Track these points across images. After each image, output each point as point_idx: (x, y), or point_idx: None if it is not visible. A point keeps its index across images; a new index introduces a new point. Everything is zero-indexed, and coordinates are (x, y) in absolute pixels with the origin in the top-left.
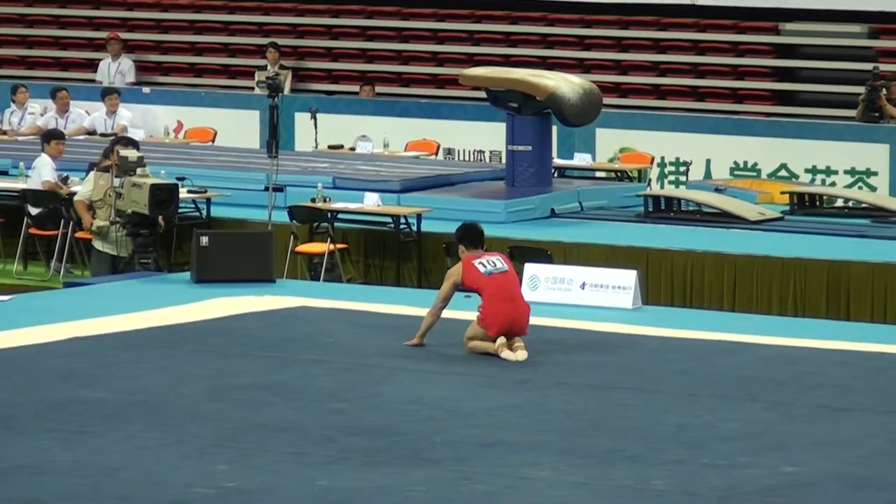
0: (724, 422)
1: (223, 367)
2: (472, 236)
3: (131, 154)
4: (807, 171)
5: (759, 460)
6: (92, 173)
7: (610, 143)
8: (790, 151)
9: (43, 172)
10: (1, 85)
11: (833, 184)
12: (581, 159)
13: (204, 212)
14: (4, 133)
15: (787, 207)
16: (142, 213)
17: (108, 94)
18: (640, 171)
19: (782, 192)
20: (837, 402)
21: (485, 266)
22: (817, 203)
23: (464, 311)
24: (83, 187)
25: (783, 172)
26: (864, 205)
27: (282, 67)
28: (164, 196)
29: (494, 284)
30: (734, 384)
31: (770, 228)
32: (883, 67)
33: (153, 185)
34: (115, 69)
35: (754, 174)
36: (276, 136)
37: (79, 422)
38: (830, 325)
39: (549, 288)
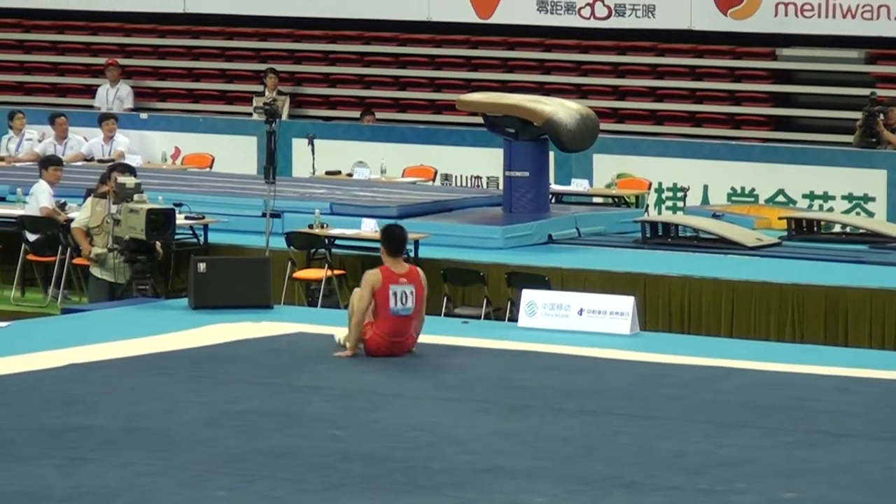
0: (722, 448)
1: (221, 393)
2: (393, 242)
3: (129, 181)
4: (804, 196)
5: (756, 486)
6: (89, 199)
7: (607, 168)
8: (788, 177)
9: (41, 199)
10: None
11: (831, 209)
12: (578, 185)
13: (201, 238)
14: (2, 159)
15: (785, 233)
16: (139, 239)
17: (104, 119)
18: (637, 197)
19: (780, 218)
20: (835, 428)
21: (395, 301)
22: (815, 229)
23: (459, 337)
24: (80, 214)
25: (781, 198)
26: (861, 230)
27: (279, 93)
28: (160, 220)
29: (392, 323)
30: (731, 410)
31: (768, 254)
32: (880, 93)
33: (149, 210)
34: (114, 95)
35: (752, 200)
36: (273, 162)
37: (76, 448)
38: (828, 351)
39: (546, 314)
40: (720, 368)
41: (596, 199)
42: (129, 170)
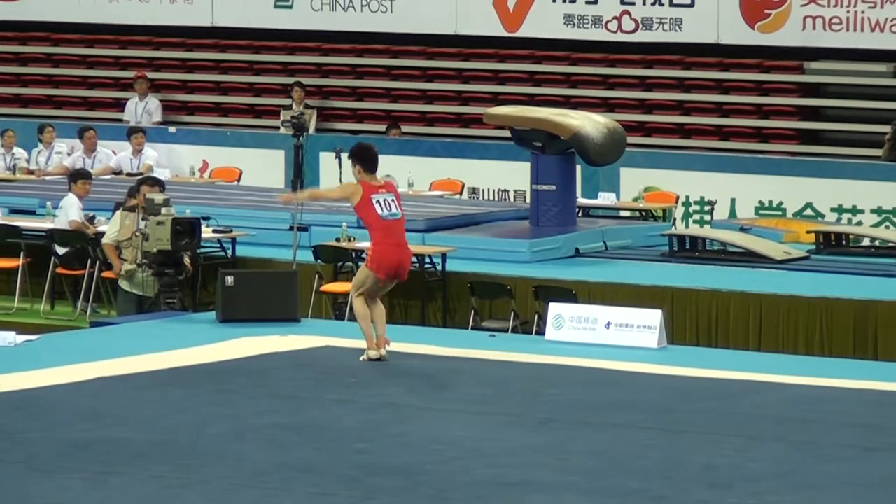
0: (751, 462)
1: (248, 407)
2: (367, 159)
3: (157, 196)
4: (833, 210)
5: (786, 499)
6: (118, 213)
7: (634, 182)
8: (816, 190)
9: (70, 212)
10: (28, 124)
11: (859, 223)
12: (605, 198)
13: (229, 252)
14: (32, 173)
15: (813, 246)
16: (167, 252)
17: (133, 133)
18: (664, 211)
19: (808, 232)
20: (865, 442)
21: (381, 208)
22: (843, 242)
23: (487, 351)
24: (110, 228)
25: (809, 211)
26: (890, 244)
27: (307, 107)
28: (186, 229)
29: (386, 227)
30: (760, 424)
31: (796, 268)
32: None
33: (175, 219)
34: (142, 108)
35: (780, 213)
36: (300, 176)
37: (104, 462)
38: (857, 365)
39: (573, 327)
40: (748, 382)
41: (623, 213)
42: (158, 183)
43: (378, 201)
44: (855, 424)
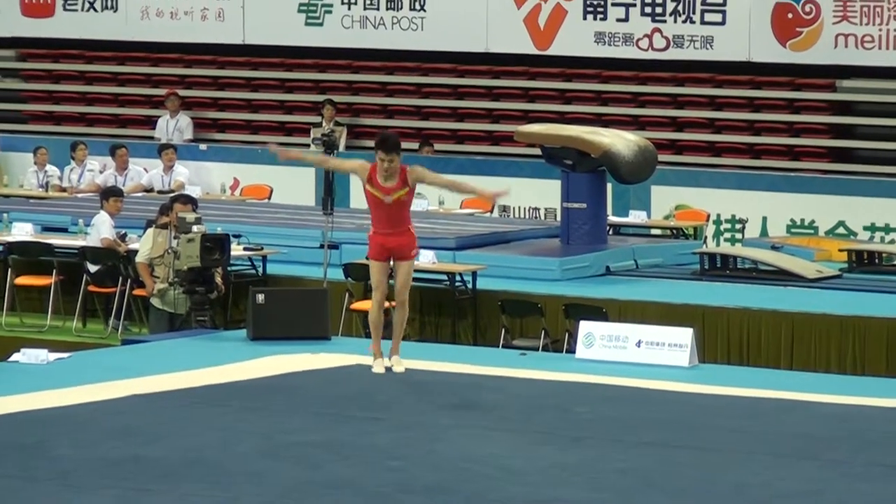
0: (782, 480)
1: (278, 424)
2: (379, 140)
3: (189, 215)
4: (865, 228)
5: None
6: (150, 230)
7: (665, 200)
8: (848, 209)
9: (101, 230)
10: (61, 142)
11: (892, 241)
12: (636, 216)
13: (260, 269)
14: (64, 190)
15: (846, 265)
16: (198, 269)
17: (164, 149)
18: (695, 229)
19: (840, 250)
20: (884, 458)
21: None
22: (876, 261)
23: (517, 369)
24: (142, 247)
25: (841, 230)
26: None
27: (337, 124)
28: (214, 245)
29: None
30: (792, 442)
31: (828, 286)
32: None
33: (203, 235)
34: (173, 126)
35: (811, 232)
36: (331, 194)
37: (136, 479)
38: (890, 384)
39: (604, 346)
40: (780, 401)
41: (654, 231)
42: (191, 201)
43: (377, 184)
44: (887, 443)
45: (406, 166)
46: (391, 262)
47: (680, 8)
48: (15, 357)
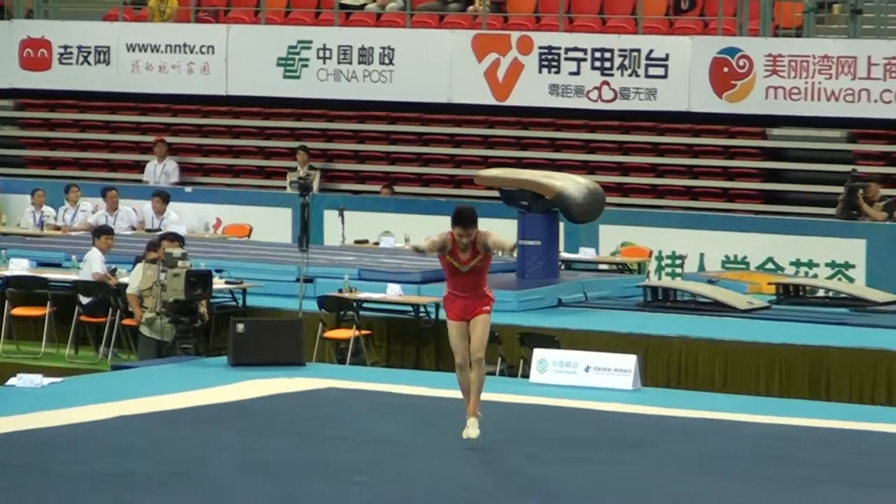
0: (715, 493)
1: (257, 443)
2: (454, 216)
3: (175, 251)
4: (791, 263)
5: None
6: (140, 265)
7: (612, 238)
8: (777, 246)
9: (93, 265)
10: (56, 184)
11: (815, 275)
12: (586, 253)
13: (240, 301)
14: (58, 229)
15: (774, 297)
16: (182, 301)
17: (156, 195)
18: (639, 264)
19: (769, 283)
20: (806, 473)
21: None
22: (801, 293)
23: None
24: (133, 281)
25: (770, 265)
26: (843, 295)
27: (311, 168)
28: (198, 280)
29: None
30: (725, 460)
31: (758, 317)
32: (861, 169)
33: (188, 272)
34: (161, 170)
35: (744, 267)
36: (306, 232)
37: (125, 492)
38: (811, 405)
39: (556, 371)
40: (714, 421)
41: (602, 266)
42: (178, 239)
43: (457, 256)
44: (806, 460)
45: (476, 233)
46: (469, 324)
47: (626, 63)
48: (12, 381)
